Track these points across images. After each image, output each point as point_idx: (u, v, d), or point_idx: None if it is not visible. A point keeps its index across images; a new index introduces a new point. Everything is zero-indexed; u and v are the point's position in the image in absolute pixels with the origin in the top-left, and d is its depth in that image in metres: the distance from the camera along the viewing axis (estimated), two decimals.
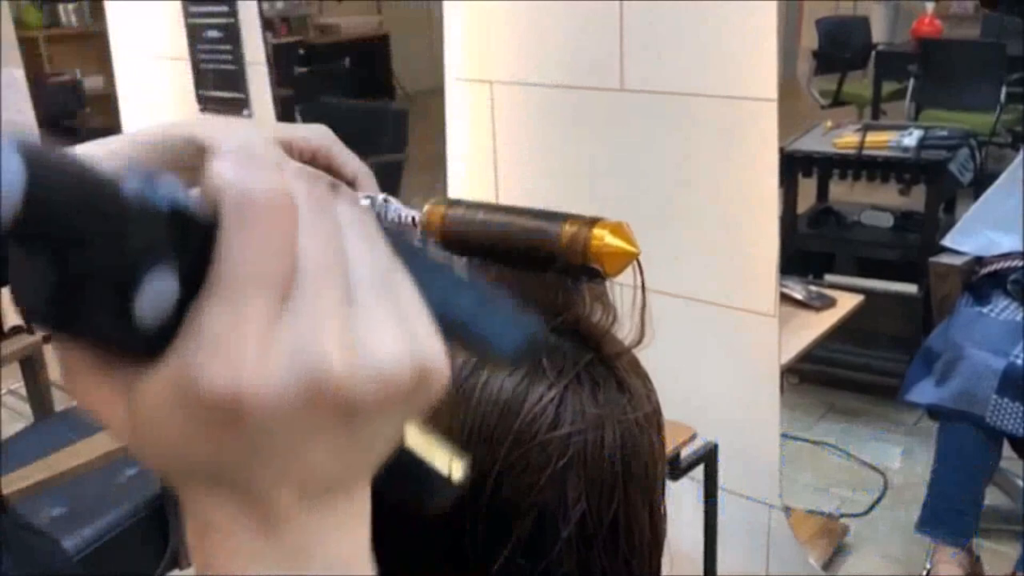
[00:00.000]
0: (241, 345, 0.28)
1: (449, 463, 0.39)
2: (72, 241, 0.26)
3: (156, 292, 0.28)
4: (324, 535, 0.32)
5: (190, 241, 0.28)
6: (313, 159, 0.77)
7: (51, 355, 2.77)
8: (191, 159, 0.76)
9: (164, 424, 0.29)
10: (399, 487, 0.37)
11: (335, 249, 0.30)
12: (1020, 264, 2.40)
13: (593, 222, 0.57)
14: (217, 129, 0.75)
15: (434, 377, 0.31)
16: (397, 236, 0.33)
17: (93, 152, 0.77)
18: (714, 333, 2.05)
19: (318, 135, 0.77)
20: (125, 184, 0.27)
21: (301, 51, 6.26)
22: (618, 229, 0.56)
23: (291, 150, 0.76)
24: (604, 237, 0.56)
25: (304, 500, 0.31)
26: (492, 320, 0.36)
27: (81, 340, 0.29)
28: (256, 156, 0.30)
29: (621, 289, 0.60)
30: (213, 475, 0.30)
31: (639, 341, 0.62)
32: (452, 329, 0.33)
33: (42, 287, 0.27)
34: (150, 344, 0.28)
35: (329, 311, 0.29)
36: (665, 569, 0.68)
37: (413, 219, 0.71)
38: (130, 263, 0.27)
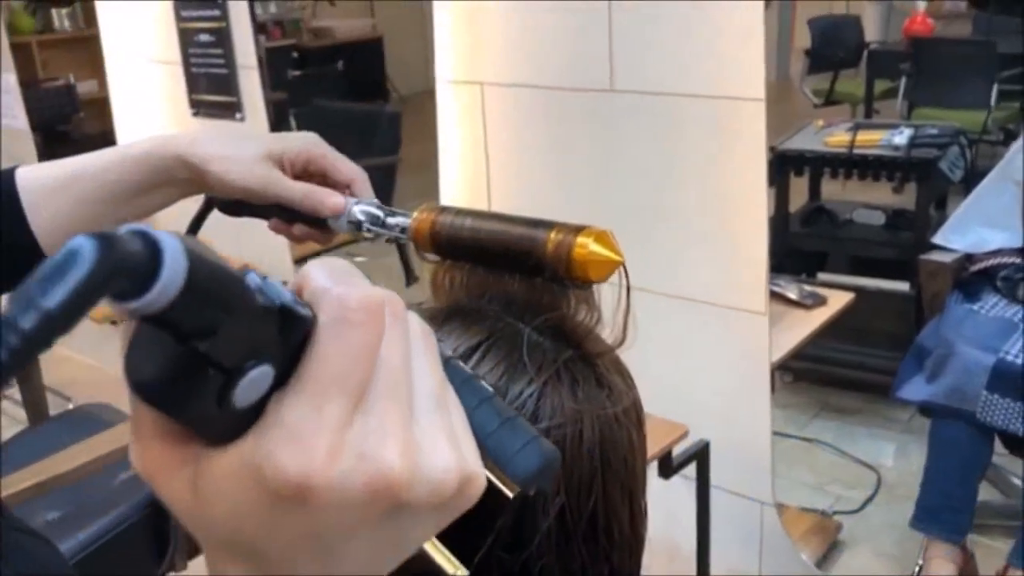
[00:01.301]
0: (316, 439, 0.30)
1: (453, 565, 0.41)
2: (205, 330, 0.29)
3: (255, 381, 0.30)
4: None
5: (290, 338, 0.31)
6: (307, 167, 0.78)
7: (45, 360, 2.77)
8: (180, 174, 0.76)
9: (227, 499, 0.31)
10: None
11: (407, 362, 0.33)
12: (1010, 261, 2.41)
13: (578, 230, 0.58)
14: (209, 142, 0.75)
15: (474, 487, 0.35)
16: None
17: (89, 163, 0.77)
18: (705, 332, 2.06)
19: (310, 143, 0.77)
20: (247, 280, 0.30)
21: (295, 54, 6.26)
22: (603, 237, 0.57)
23: (283, 161, 0.76)
24: (588, 245, 0.57)
25: None
26: (510, 443, 0.39)
27: (172, 415, 0.31)
28: (348, 268, 0.33)
29: (609, 289, 0.61)
30: (255, 553, 0.32)
31: (621, 342, 0.63)
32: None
33: (160, 365, 0.29)
34: (232, 426, 0.31)
35: (396, 420, 0.32)
36: (665, 567, 0.69)
37: (402, 228, 0.72)
38: (246, 354, 0.30)
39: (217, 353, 0.29)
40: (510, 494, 0.39)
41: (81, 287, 0.25)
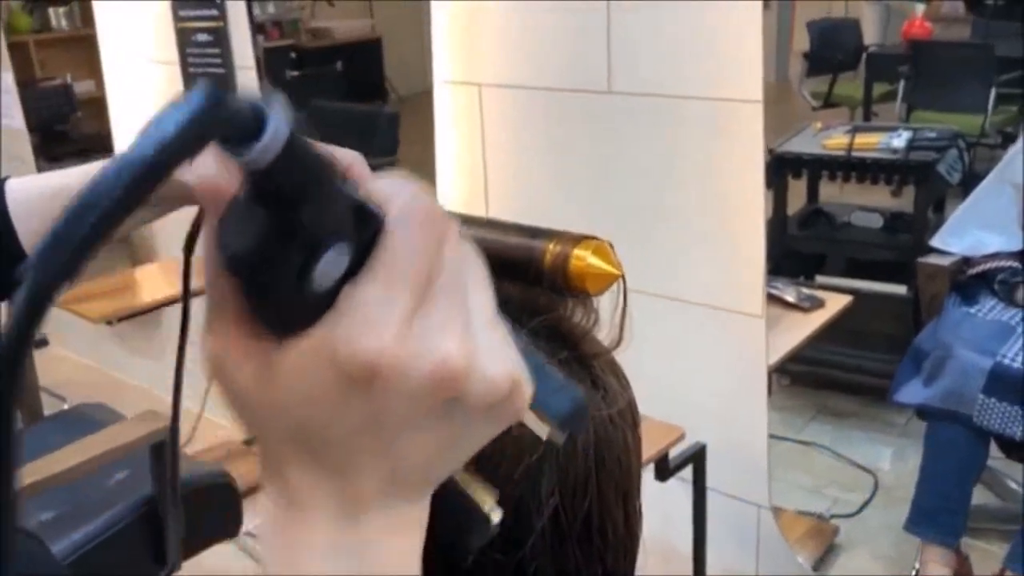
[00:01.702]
0: (387, 325, 0.32)
1: (488, 502, 0.43)
2: (296, 200, 0.31)
3: (332, 262, 0.32)
4: (391, 535, 0.35)
5: (363, 233, 0.33)
6: None
7: (40, 360, 2.77)
8: (169, 191, 0.75)
9: (298, 386, 0.33)
10: (444, 522, 0.41)
11: (463, 272, 0.35)
12: (1007, 264, 2.41)
13: (577, 241, 0.58)
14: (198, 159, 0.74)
15: (522, 396, 0.36)
16: None
17: (73, 179, 0.77)
18: (702, 334, 2.06)
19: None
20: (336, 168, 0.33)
21: (293, 55, 6.25)
22: (601, 249, 0.57)
23: None
24: (586, 258, 0.57)
25: (386, 491, 0.35)
26: (543, 386, 0.40)
27: (256, 293, 0.33)
28: (415, 182, 0.35)
29: (607, 292, 0.61)
30: (320, 443, 0.34)
31: (618, 344, 0.63)
32: None
33: (251, 236, 0.32)
34: (306, 313, 0.32)
35: (456, 318, 0.33)
36: (661, 570, 0.69)
37: None
38: (329, 229, 0.32)
39: (304, 224, 0.32)
40: (544, 435, 0.40)
41: (192, 123, 0.28)
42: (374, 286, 0.32)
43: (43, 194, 0.77)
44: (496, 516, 0.43)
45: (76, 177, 0.77)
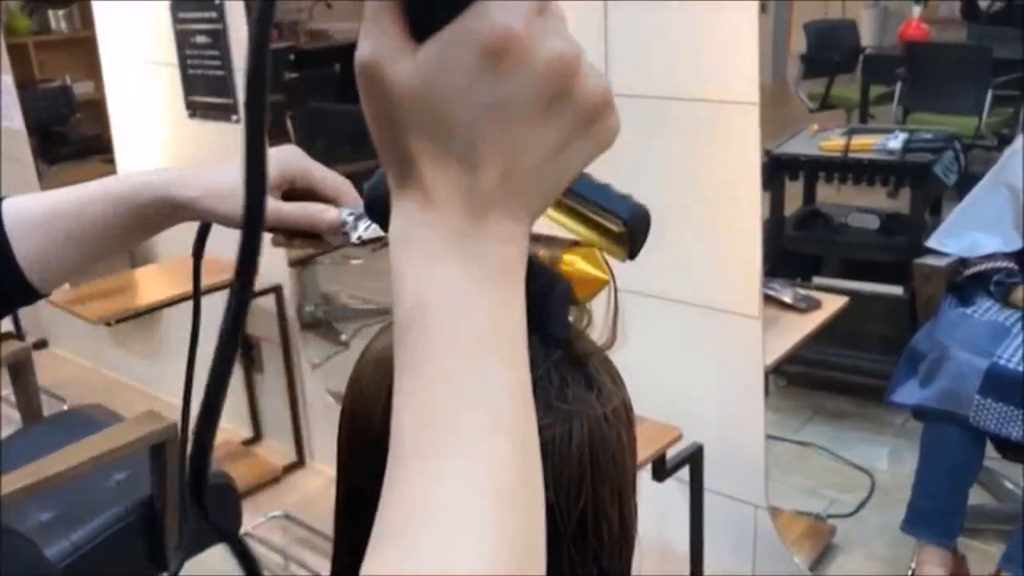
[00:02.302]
0: (517, 11, 0.38)
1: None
2: None
3: None
4: (506, 243, 0.41)
5: None
6: (293, 185, 0.77)
7: (39, 361, 2.78)
8: (165, 211, 0.76)
9: (438, 70, 0.39)
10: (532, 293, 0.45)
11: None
12: (1003, 265, 2.42)
13: (566, 247, 0.59)
14: (193, 181, 0.74)
15: (615, 115, 0.43)
16: None
17: (67, 202, 0.77)
18: (699, 335, 2.07)
19: (291, 162, 0.76)
20: None
21: (292, 56, 6.24)
22: (590, 255, 0.58)
23: (270, 187, 0.75)
24: (575, 263, 0.57)
25: (504, 192, 0.40)
26: (608, 195, 0.51)
27: None
28: None
29: (602, 294, 0.61)
30: (450, 133, 0.39)
31: (611, 344, 0.64)
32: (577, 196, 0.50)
33: None
34: (454, 3, 0.38)
35: (567, 31, 0.40)
36: (658, 570, 0.70)
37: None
38: None
39: None
40: (616, 228, 0.50)
41: None
42: None
43: (40, 214, 0.77)
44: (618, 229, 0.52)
45: (71, 197, 0.77)
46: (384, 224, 0.44)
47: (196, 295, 0.81)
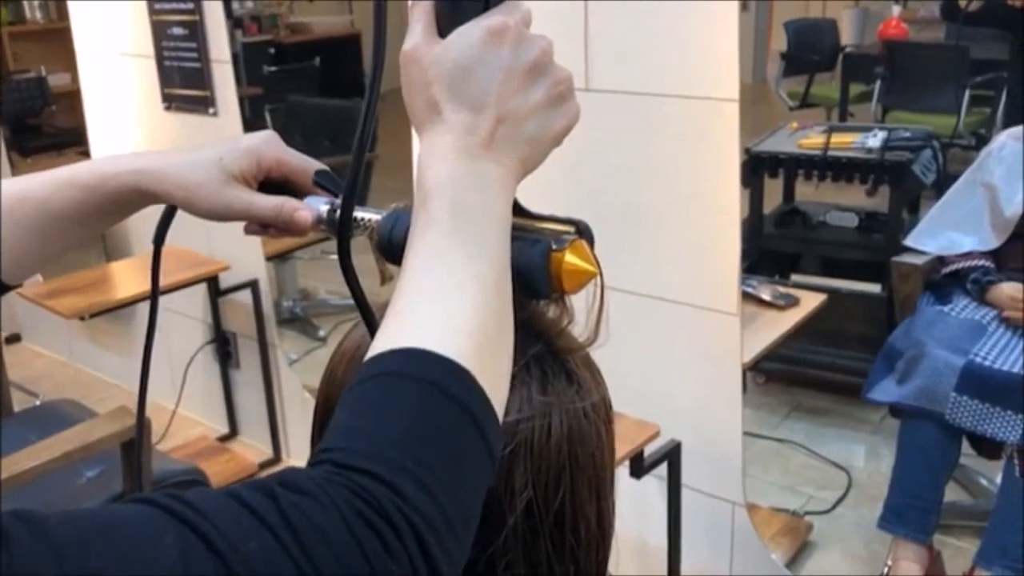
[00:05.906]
0: (515, 14, 0.57)
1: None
2: None
3: None
4: (496, 181, 0.55)
5: None
6: (269, 174, 0.75)
7: (12, 355, 2.74)
8: (134, 197, 0.73)
9: (459, 44, 0.55)
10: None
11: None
12: (980, 264, 2.43)
13: (554, 231, 0.60)
14: (167, 171, 0.71)
15: (575, 101, 0.61)
16: None
17: (32, 190, 0.75)
18: (677, 332, 2.07)
19: (267, 149, 0.73)
20: None
21: (271, 50, 6.20)
22: (578, 248, 0.58)
23: (245, 176, 0.73)
24: (564, 256, 0.57)
25: (497, 134, 0.55)
26: (555, 218, 0.63)
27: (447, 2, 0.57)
28: None
29: (584, 290, 0.61)
30: (465, 85, 0.55)
31: (593, 340, 0.64)
32: None
33: None
34: (474, 9, 0.56)
35: (546, 41, 0.59)
36: (635, 567, 0.70)
37: (373, 221, 0.71)
38: None
39: None
40: (571, 230, 0.60)
41: None
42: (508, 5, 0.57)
43: (7, 201, 0.75)
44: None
45: (40, 183, 0.75)
46: (395, 261, 0.59)
47: (155, 282, 0.79)
